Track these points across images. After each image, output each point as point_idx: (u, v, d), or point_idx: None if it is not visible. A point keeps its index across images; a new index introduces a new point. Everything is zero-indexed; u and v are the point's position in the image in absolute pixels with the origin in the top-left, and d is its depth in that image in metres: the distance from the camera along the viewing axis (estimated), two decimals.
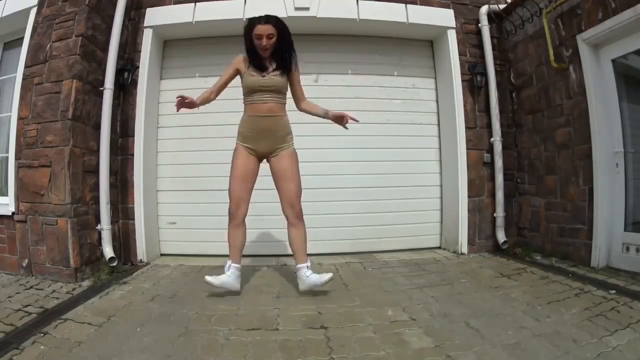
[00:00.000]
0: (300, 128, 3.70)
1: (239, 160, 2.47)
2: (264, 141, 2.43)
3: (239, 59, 2.45)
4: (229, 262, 2.43)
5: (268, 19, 2.33)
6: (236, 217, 2.45)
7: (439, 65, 3.93)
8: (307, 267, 2.40)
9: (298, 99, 2.61)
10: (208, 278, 2.37)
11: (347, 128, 2.54)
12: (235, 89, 3.74)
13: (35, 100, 2.99)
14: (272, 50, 2.38)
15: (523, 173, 3.73)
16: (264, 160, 2.55)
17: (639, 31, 2.64)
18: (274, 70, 2.40)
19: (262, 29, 2.30)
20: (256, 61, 2.40)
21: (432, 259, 3.43)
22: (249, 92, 2.41)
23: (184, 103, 2.33)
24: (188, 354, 1.67)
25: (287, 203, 2.44)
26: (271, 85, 2.38)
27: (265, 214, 3.66)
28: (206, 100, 2.48)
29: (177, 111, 2.39)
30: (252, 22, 2.35)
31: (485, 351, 1.63)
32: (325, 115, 2.58)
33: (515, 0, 3.60)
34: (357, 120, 2.52)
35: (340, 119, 2.52)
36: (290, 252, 3.58)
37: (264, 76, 2.38)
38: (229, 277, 2.40)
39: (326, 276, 2.35)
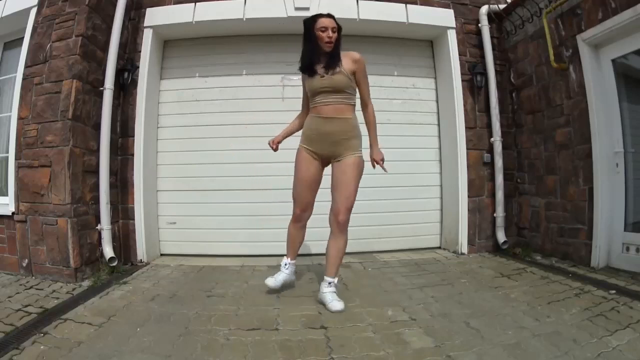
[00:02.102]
0: None
1: (302, 166, 2.37)
2: (327, 145, 2.29)
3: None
4: (286, 260, 2.49)
5: (329, 15, 2.29)
6: (301, 220, 2.46)
7: (439, 65, 3.93)
8: (330, 283, 2.26)
9: (361, 101, 2.40)
10: (269, 283, 2.44)
11: (379, 168, 2.45)
12: (236, 88, 3.80)
13: (35, 100, 2.99)
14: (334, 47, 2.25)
15: (523, 173, 3.73)
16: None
17: (639, 31, 2.64)
18: (326, 69, 2.23)
19: (327, 21, 2.24)
20: (310, 60, 2.26)
21: (432, 259, 3.43)
22: (312, 95, 2.29)
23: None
24: (188, 354, 1.67)
25: (334, 212, 2.30)
26: (331, 86, 2.22)
27: (265, 214, 3.67)
28: (294, 128, 2.54)
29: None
30: (314, 17, 2.29)
31: (485, 351, 1.63)
32: (370, 144, 2.45)
33: (515, 0, 3.60)
34: (385, 171, 2.42)
35: (374, 161, 2.43)
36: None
37: (322, 76, 2.23)
38: (287, 274, 2.49)
39: (337, 306, 2.16)
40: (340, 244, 2.29)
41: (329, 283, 2.27)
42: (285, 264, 2.49)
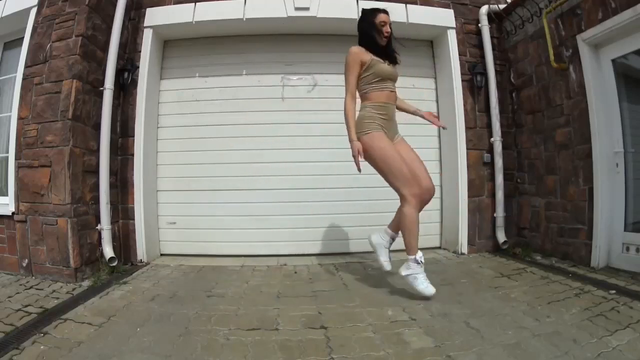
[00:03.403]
0: (301, 128, 3.75)
1: (387, 143, 2.33)
2: (391, 128, 2.45)
3: (357, 53, 2.40)
4: (418, 255, 2.27)
5: (386, 11, 2.48)
6: (422, 192, 2.30)
7: (439, 65, 3.93)
8: (412, 259, 2.26)
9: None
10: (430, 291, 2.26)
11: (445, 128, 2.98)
12: (236, 88, 3.79)
13: (35, 100, 2.99)
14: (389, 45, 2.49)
15: (523, 173, 3.73)
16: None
17: (639, 31, 2.64)
18: (386, 60, 2.46)
19: (386, 17, 2.45)
20: (379, 49, 2.44)
21: (432, 259, 3.42)
22: (381, 79, 2.42)
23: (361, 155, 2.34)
24: (188, 354, 1.67)
25: (420, 183, 2.32)
26: (395, 75, 2.49)
27: (265, 214, 3.67)
28: (354, 115, 2.44)
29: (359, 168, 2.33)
30: (374, 10, 2.47)
31: (485, 351, 1.63)
32: (414, 112, 2.70)
33: (515, 0, 3.60)
34: (444, 127, 2.93)
35: (431, 117, 2.67)
36: (289, 252, 3.62)
37: (389, 64, 2.46)
38: (421, 268, 2.31)
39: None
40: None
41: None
42: (417, 259, 2.27)
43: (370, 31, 2.44)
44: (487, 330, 1.84)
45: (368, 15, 2.47)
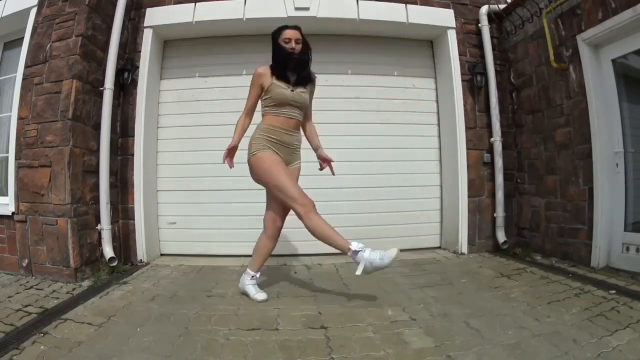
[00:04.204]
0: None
1: (274, 158, 2.29)
2: (286, 153, 2.37)
3: (260, 74, 2.33)
4: (356, 246, 2.23)
5: (295, 26, 2.38)
6: (310, 203, 2.26)
7: (439, 65, 3.93)
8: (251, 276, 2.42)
9: (306, 116, 2.52)
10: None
11: (323, 169, 2.58)
12: (236, 88, 3.79)
13: (35, 100, 2.99)
14: (298, 59, 2.32)
15: (523, 173, 3.73)
16: None
17: (639, 31, 2.64)
18: (295, 84, 2.34)
19: (291, 33, 2.34)
20: (283, 71, 2.32)
21: (432, 259, 3.43)
22: (279, 104, 2.32)
23: (231, 155, 2.37)
24: (188, 354, 1.67)
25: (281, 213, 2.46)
26: (300, 102, 2.35)
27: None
28: (244, 132, 2.42)
29: (229, 164, 2.38)
30: (280, 28, 2.38)
31: (485, 351, 1.63)
32: (315, 149, 2.57)
33: (515, 0, 3.60)
34: (333, 173, 2.58)
35: (324, 162, 2.55)
36: (289, 252, 3.62)
37: (292, 90, 2.32)
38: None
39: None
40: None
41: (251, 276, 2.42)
42: (357, 250, 2.25)
43: (275, 51, 2.36)
44: (487, 330, 1.84)
45: (274, 34, 2.37)
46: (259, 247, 2.46)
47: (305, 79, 2.38)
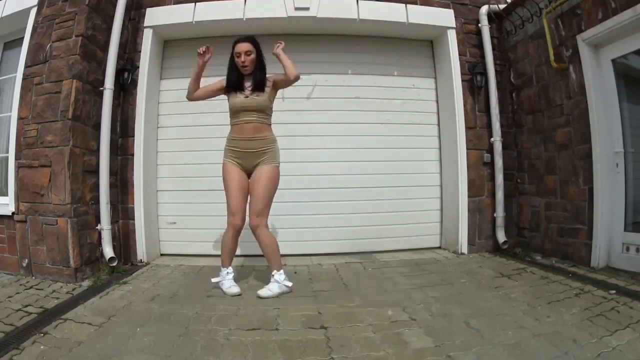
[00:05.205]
0: (301, 128, 3.75)
1: (229, 168, 2.52)
2: (249, 159, 2.50)
3: (218, 82, 2.57)
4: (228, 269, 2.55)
5: (247, 38, 2.50)
6: (237, 225, 2.49)
7: (439, 65, 3.93)
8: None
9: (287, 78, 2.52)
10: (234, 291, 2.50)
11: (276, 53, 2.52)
12: None
13: (35, 100, 2.99)
14: (253, 68, 2.48)
15: (523, 173, 3.73)
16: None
17: (639, 31, 2.64)
18: (252, 90, 2.47)
19: (241, 46, 2.46)
20: (234, 80, 2.49)
21: (432, 259, 3.43)
22: (234, 112, 2.50)
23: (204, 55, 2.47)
24: (188, 354, 1.67)
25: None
26: (254, 106, 2.46)
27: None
28: (194, 82, 2.54)
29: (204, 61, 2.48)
30: (235, 42, 2.51)
31: (485, 351, 1.63)
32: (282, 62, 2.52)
33: (515, 0, 3.60)
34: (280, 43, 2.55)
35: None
36: (289, 252, 3.61)
37: (246, 96, 2.46)
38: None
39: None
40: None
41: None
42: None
43: (229, 65, 2.52)
44: (487, 330, 1.84)
45: (232, 48, 2.51)
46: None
47: (260, 84, 2.47)
